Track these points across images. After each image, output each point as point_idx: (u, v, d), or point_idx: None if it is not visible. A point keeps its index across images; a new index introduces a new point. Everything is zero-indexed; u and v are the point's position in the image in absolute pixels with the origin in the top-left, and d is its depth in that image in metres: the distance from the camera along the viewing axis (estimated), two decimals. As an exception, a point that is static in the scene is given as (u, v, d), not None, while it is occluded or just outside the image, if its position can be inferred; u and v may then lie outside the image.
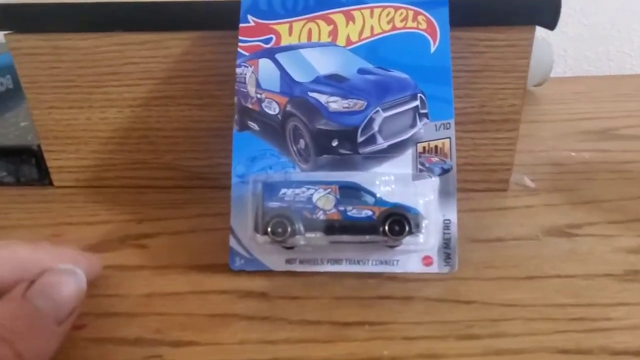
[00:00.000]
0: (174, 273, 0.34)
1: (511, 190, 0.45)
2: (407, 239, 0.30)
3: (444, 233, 0.33)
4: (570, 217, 0.40)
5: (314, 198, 0.30)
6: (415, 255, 0.33)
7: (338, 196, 0.30)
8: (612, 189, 0.45)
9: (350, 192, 0.30)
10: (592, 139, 0.56)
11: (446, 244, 0.33)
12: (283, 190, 0.31)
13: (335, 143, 0.35)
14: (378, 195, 0.30)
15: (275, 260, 0.34)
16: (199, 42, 0.41)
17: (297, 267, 0.34)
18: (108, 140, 0.46)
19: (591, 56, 0.94)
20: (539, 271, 0.33)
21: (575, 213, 0.41)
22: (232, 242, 0.34)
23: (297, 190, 0.30)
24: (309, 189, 0.30)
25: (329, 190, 0.31)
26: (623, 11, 0.89)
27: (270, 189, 0.31)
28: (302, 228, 0.30)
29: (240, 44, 0.37)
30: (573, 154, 0.53)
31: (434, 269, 0.33)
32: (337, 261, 0.33)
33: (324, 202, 0.30)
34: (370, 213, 0.30)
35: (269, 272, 0.34)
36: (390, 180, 0.32)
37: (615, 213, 0.40)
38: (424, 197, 0.32)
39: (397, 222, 0.30)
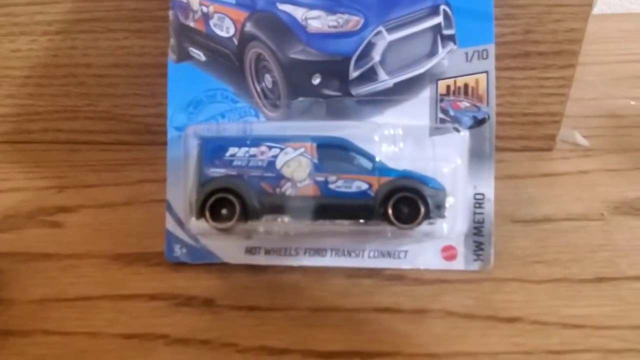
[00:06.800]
0: (88, 266, 0.24)
1: (557, 149, 0.34)
2: (422, 227, 0.20)
3: (475, 213, 0.23)
4: (643, 186, 0.29)
5: (279, 162, 0.20)
6: (431, 244, 0.23)
7: (316, 159, 0.20)
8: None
9: (335, 154, 0.20)
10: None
11: (477, 230, 0.23)
12: (231, 150, 0.20)
13: (317, 80, 0.24)
14: (378, 159, 0.20)
15: (230, 249, 0.24)
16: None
17: (261, 260, 0.23)
18: (25, 81, 0.35)
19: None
20: (613, 269, 0.23)
21: (649, 181, 0.30)
22: (170, 223, 0.24)
23: (253, 150, 0.20)
24: (270, 147, 0.20)
25: (302, 150, 0.20)
26: None
27: (212, 147, 0.20)
28: (258, 209, 0.20)
29: None
30: (632, 102, 0.41)
31: (459, 264, 0.23)
32: (318, 251, 0.23)
33: (295, 168, 0.20)
34: (365, 186, 0.19)
35: (221, 266, 0.23)
36: (396, 136, 0.21)
37: None
38: (447, 161, 0.21)
39: (407, 201, 0.19)
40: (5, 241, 0.27)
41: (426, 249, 0.23)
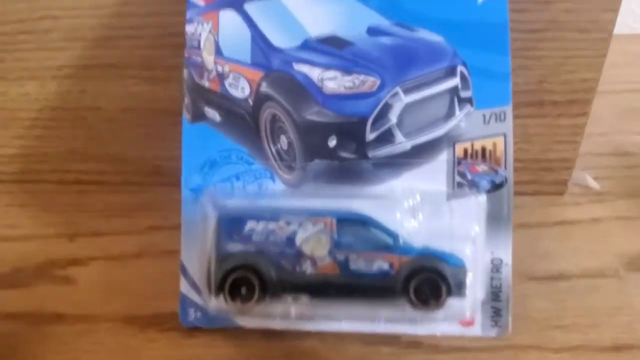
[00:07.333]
0: (102, 330, 0.24)
1: (569, 193, 0.34)
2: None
3: (492, 278, 0.23)
4: (658, 237, 0.29)
5: (298, 239, 0.19)
6: (448, 310, 0.22)
7: (335, 235, 0.19)
8: None
9: (355, 229, 0.20)
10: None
11: (495, 295, 0.23)
12: (250, 224, 0.20)
13: (333, 142, 0.23)
14: (400, 239, 0.20)
15: (245, 312, 0.23)
16: (141, -12, 0.29)
17: (277, 324, 0.23)
18: (34, 123, 0.35)
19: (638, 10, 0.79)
20: (631, 335, 0.23)
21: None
22: (184, 286, 0.24)
23: (272, 225, 0.19)
24: (289, 223, 0.19)
25: (321, 225, 0.20)
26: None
27: (231, 221, 0.20)
28: (277, 286, 0.19)
29: (192, -11, 0.25)
30: (641, 137, 0.41)
31: (476, 331, 0.23)
32: (334, 317, 0.23)
33: (314, 245, 0.19)
34: (386, 266, 0.19)
35: (236, 331, 0.23)
36: (415, 206, 0.21)
37: None
38: (465, 230, 0.21)
39: (429, 281, 0.19)
40: (16, 298, 0.26)
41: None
